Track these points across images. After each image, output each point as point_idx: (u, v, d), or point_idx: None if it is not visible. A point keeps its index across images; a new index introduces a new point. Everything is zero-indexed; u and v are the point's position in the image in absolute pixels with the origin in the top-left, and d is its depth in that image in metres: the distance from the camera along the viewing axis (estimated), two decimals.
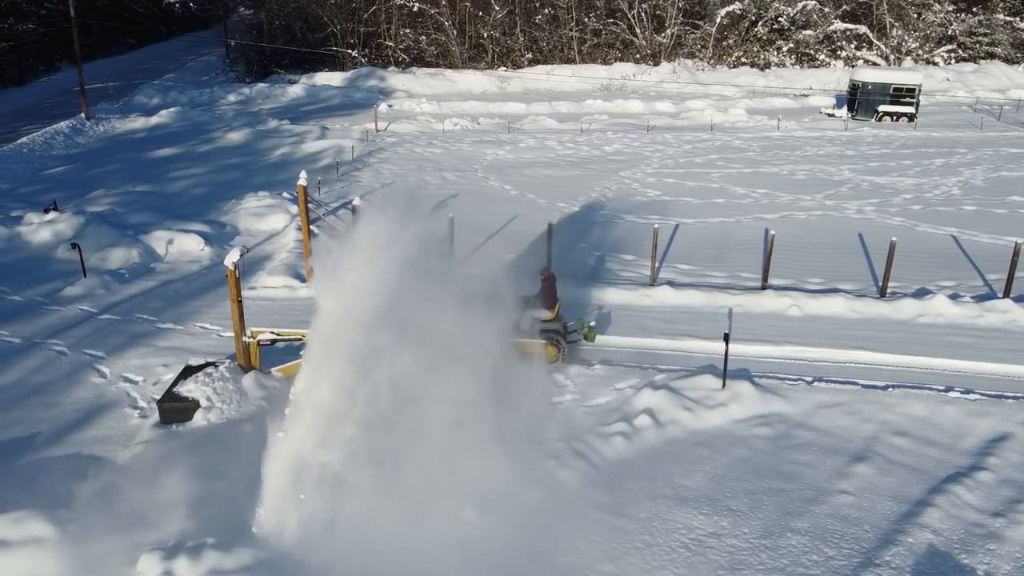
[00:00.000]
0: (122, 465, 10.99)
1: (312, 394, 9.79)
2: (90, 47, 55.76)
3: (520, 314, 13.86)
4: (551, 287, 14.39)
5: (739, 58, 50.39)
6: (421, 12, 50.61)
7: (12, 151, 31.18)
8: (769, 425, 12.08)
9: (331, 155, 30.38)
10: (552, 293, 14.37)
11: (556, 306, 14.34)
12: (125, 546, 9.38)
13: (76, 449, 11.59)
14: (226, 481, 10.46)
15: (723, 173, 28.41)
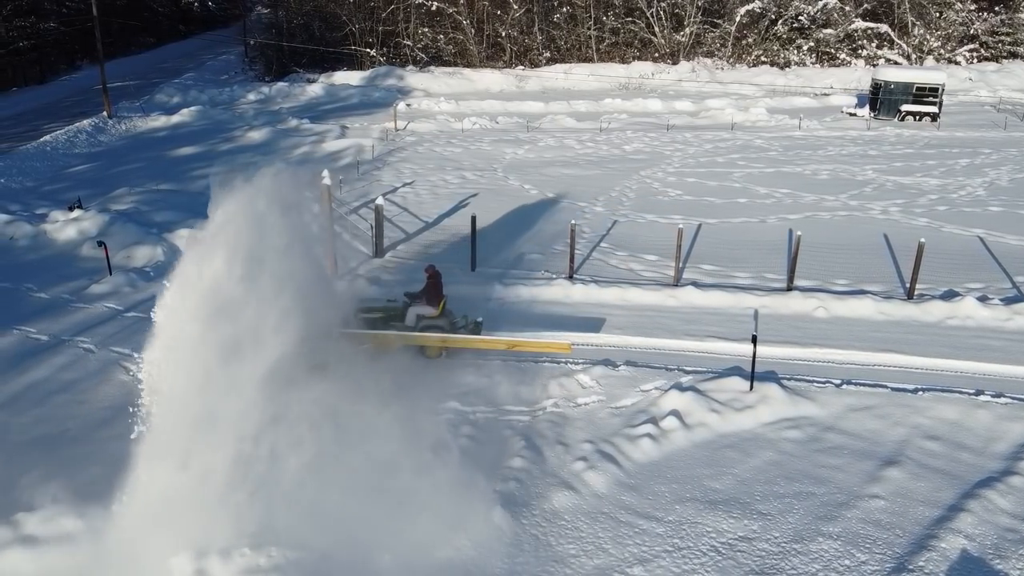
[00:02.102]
0: None
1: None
2: (111, 46, 56.16)
3: (404, 311, 14.11)
4: (436, 284, 14.33)
5: (758, 57, 50.10)
6: (439, 11, 50.68)
7: (36, 149, 31.46)
8: (798, 428, 11.99)
9: (351, 154, 30.46)
10: (437, 290, 14.32)
11: (441, 303, 14.32)
12: (156, 544, 9.44)
13: (105, 446, 11.60)
14: (257, 479, 10.46)
15: (745, 173, 28.24)
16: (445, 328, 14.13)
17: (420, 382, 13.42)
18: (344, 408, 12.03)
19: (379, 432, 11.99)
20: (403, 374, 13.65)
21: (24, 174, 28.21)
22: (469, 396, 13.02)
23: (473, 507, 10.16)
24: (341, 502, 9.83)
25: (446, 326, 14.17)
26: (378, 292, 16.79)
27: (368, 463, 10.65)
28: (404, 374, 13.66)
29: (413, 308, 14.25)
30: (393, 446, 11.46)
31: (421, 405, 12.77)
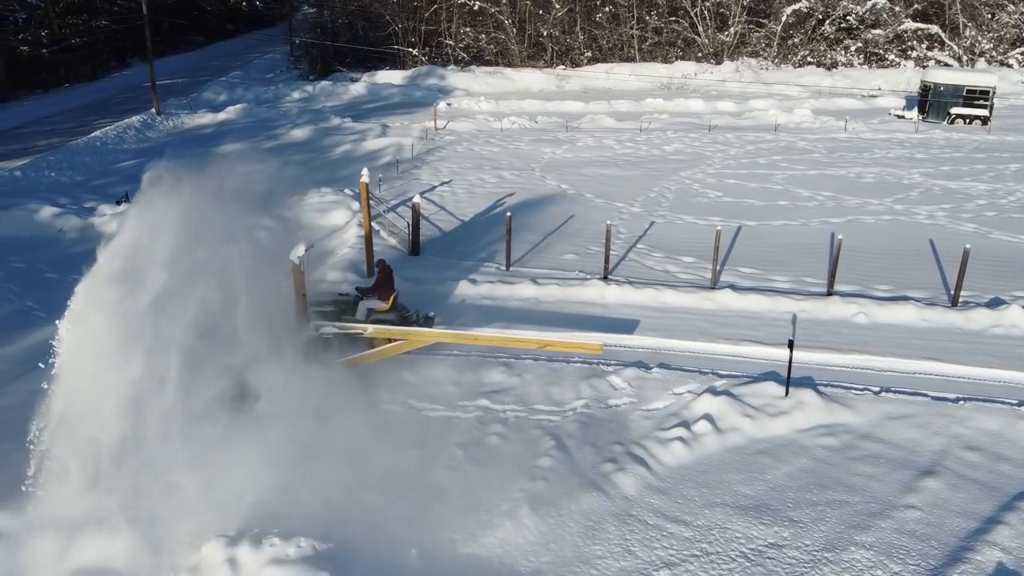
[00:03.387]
0: (189, 451, 11.24)
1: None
2: (160, 44, 57.52)
3: (355, 305, 14.17)
4: (387, 278, 14.33)
5: (805, 57, 49.29)
6: (481, 11, 50.83)
7: (86, 144, 32.34)
8: (834, 435, 11.79)
9: (391, 153, 30.72)
10: (387, 284, 14.30)
11: (391, 297, 14.28)
12: (191, 532, 9.66)
13: (142, 434, 11.86)
14: (290, 470, 10.66)
15: (787, 175, 27.82)
16: (395, 322, 14.10)
17: (451, 380, 13.53)
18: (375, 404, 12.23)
19: (409, 428, 12.14)
20: (433, 371, 13.83)
21: (74, 168, 29.01)
22: (499, 395, 13.07)
23: (500, 505, 10.20)
24: (369, 496, 9.95)
25: (396, 320, 14.15)
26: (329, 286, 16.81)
27: (397, 458, 10.79)
28: (434, 371, 13.83)
29: (364, 302, 14.30)
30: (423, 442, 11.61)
31: (452, 403, 12.92)
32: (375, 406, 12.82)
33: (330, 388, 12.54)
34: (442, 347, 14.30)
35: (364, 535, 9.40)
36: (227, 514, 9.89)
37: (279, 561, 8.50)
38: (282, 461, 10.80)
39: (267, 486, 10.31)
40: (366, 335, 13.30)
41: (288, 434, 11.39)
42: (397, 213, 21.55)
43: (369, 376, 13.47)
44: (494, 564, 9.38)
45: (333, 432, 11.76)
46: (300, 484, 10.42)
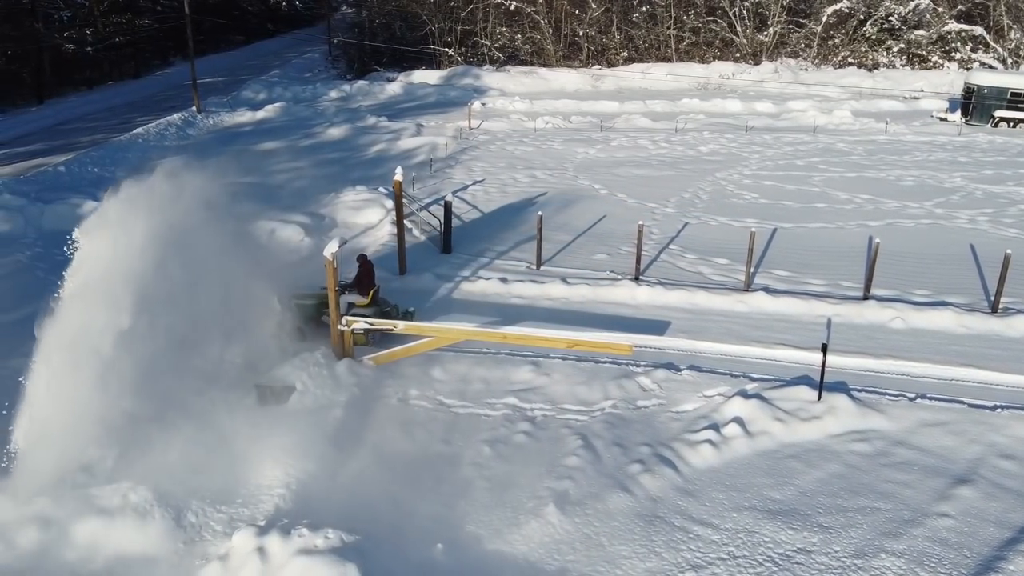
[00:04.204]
0: (222, 443, 11.45)
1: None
2: (202, 43, 58.54)
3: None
4: (368, 273, 14.63)
5: (845, 58, 48.54)
6: (517, 10, 50.89)
7: (128, 141, 33.05)
8: (866, 441, 11.59)
9: (425, 152, 30.90)
10: (368, 279, 14.60)
11: (371, 292, 14.58)
12: (221, 520, 9.86)
13: (179, 425, 12.09)
14: (318, 464, 10.82)
15: (825, 177, 27.43)
16: (375, 316, 14.34)
17: (479, 377, 13.59)
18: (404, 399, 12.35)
19: (437, 424, 12.23)
20: (461, 368, 13.90)
21: (116, 164, 29.63)
22: (527, 393, 13.09)
23: (526, 503, 10.23)
24: (396, 490, 10.05)
25: (375, 314, 14.42)
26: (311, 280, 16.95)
27: (425, 455, 10.87)
28: (463, 368, 13.90)
29: (345, 296, 14.55)
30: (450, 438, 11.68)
31: (480, 400, 12.98)
32: (404, 402, 12.94)
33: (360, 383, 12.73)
34: (471, 344, 14.38)
35: (391, 528, 9.50)
36: (257, 504, 10.10)
37: (307, 551, 8.61)
38: (311, 453, 10.98)
39: (297, 477, 10.48)
40: (397, 331, 13.41)
41: (318, 427, 11.58)
42: (430, 212, 21.68)
43: (398, 372, 13.60)
44: (519, 561, 9.40)
45: (362, 426, 11.93)
46: (329, 476, 10.58)
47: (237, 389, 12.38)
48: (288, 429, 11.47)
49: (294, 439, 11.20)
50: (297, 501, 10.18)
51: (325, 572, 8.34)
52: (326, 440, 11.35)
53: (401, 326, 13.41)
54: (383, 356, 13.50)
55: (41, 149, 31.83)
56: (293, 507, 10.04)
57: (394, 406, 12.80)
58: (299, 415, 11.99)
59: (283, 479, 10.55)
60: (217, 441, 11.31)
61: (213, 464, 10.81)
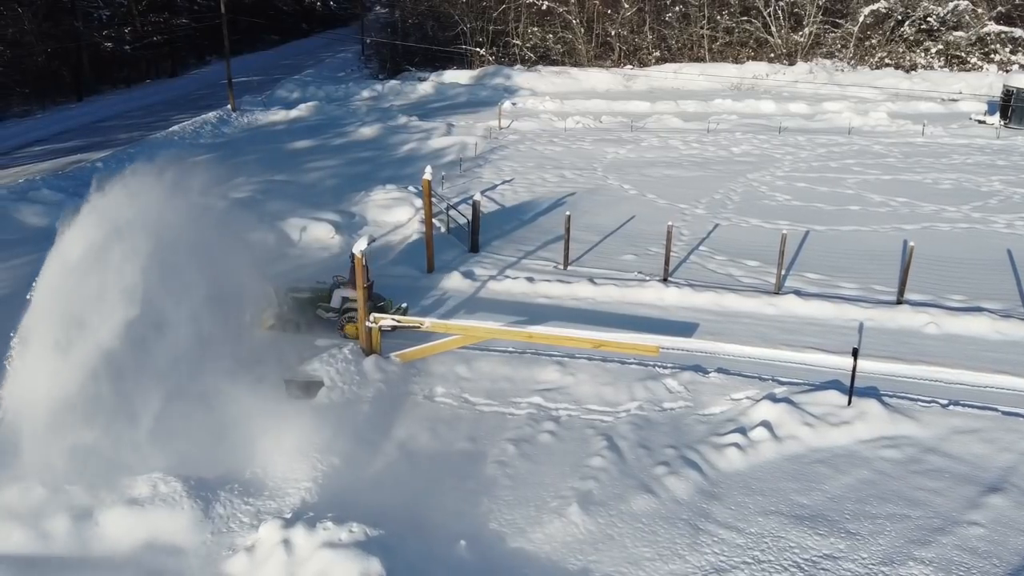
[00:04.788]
0: (251, 436, 11.61)
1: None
2: (238, 42, 59.35)
3: (331, 292, 14.96)
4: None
5: (882, 59, 47.78)
6: (549, 10, 50.84)
7: (164, 138, 33.62)
8: (897, 447, 11.42)
9: (455, 151, 31.01)
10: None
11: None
12: (249, 512, 9.99)
13: (210, 418, 12.27)
14: (344, 458, 10.92)
15: (859, 179, 27.03)
16: (367, 310, 14.36)
17: (504, 376, 13.61)
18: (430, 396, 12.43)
19: (462, 421, 12.28)
20: (487, 367, 13.93)
21: (152, 161, 30.14)
22: (552, 393, 13.08)
23: (549, 502, 10.23)
24: (420, 486, 10.11)
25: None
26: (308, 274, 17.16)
27: (450, 452, 10.91)
28: (488, 367, 13.94)
29: (339, 291, 14.94)
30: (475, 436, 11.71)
31: (505, 399, 13.01)
32: (430, 399, 13.01)
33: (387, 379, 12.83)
34: (496, 343, 14.41)
35: (414, 524, 9.56)
36: (284, 497, 10.22)
37: (331, 544, 8.69)
38: (338, 448, 11.09)
39: (323, 471, 10.60)
40: (423, 329, 13.49)
41: (345, 422, 11.70)
42: (458, 211, 21.75)
43: (424, 369, 13.68)
44: (541, 559, 9.41)
45: (388, 422, 12.02)
46: (354, 471, 10.68)
47: (263, 382, 12.58)
48: (315, 423, 11.60)
49: (321, 433, 11.33)
50: (323, 494, 10.29)
51: (349, 565, 8.42)
52: (352, 435, 11.46)
53: (427, 323, 13.48)
54: (410, 353, 13.58)
55: (79, 146, 32.51)
56: (319, 500, 10.16)
57: (420, 403, 12.88)
58: (326, 410, 12.12)
59: (309, 472, 10.67)
60: (246, 433, 11.49)
61: (242, 456, 10.99)
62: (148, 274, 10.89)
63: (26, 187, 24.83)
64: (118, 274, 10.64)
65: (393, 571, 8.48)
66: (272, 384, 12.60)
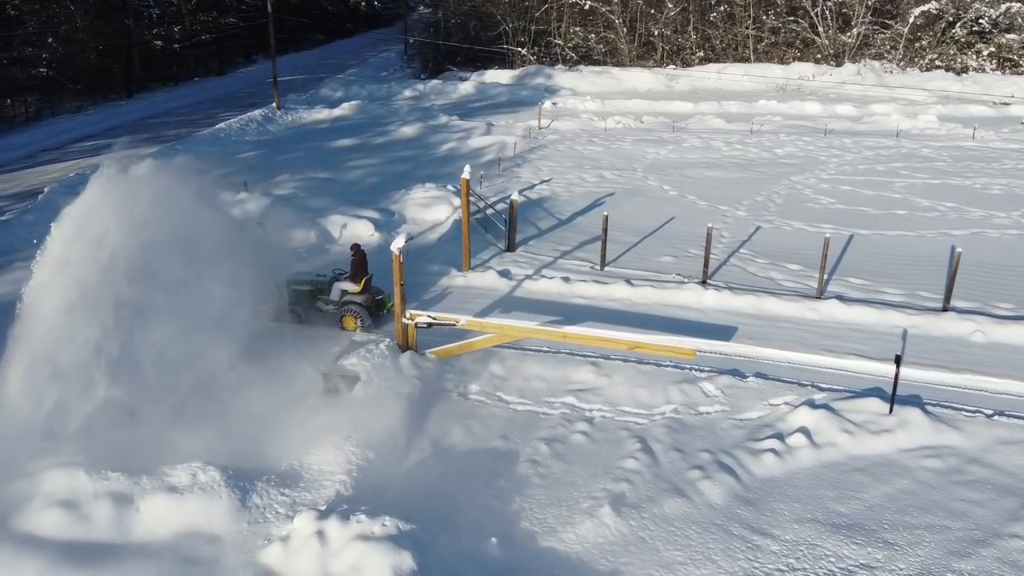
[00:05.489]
0: (289, 428, 11.81)
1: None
2: (283, 41, 60.22)
3: (330, 285, 15.41)
4: (360, 262, 15.30)
5: (932, 61, 46.61)
6: (592, 10, 50.65)
7: (211, 135, 34.28)
8: (939, 457, 11.15)
9: (494, 151, 31.07)
10: (361, 268, 15.26)
11: (363, 280, 15.21)
12: (284, 503, 10.14)
13: (250, 409, 12.45)
14: (380, 452, 11.03)
15: (907, 183, 26.44)
16: (366, 303, 15.21)
17: (538, 376, 13.60)
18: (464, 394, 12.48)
19: (495, 420, 12.31)
20: (521, 366, 13.94)
21: (199, 158, 30.72)
22: (586, 393, 13.05)
23: (581, 503, 10.20)
24: (453, 483, 10.16)
25: (366, 301, 15.20)
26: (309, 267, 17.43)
27: (483, 450, 10.95)
28: (522, 366, 13.94)
29: (338, 284, 15.33)
30: (508, 434, 11.72)
31: (539, 398, 13.01)
32: (464, 396, 13.07)
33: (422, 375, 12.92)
34: (531, 342, 14.42)
35: (446, 519, 9.61)
36: (319, 489, 10.35)
37: (364, 537, 8.78)
38: (373, 442, 11.20)
39: (358, 464, 10.71)
40: (458, 327, 13.55)
41: (380, 417, 11.81)
42: (495, 210, 21.80)
43: (458, 366, 13.74)
44: (572, 560, 9.39)
45: (422, 418, 12.11)
46: (388, 465, 10.77)
47: (298, 377, 12.82)
48: (351, 417, 11.74)
49: (357, 427, 11.46)
50: (357, 488, 10.40)
51: (381, 558, 8.50)
52: (387, 430, 11.57)
53: (463, 321, 13.54)
54: (445, 350, 13.66)
55: (129, 141, 33.19)
56: (353, 493, 10.27)
57: (454, 400, 12.95)
58: (362, 404, 12.25)
59: (344, 465, 10.80)
60: (284, 426, 11.67)
61: (279, 448, 11.17)
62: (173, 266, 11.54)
63: (76, 181, 25.50)
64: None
65: (424, 566, 8.54)
66: (310, 377, 12.79)
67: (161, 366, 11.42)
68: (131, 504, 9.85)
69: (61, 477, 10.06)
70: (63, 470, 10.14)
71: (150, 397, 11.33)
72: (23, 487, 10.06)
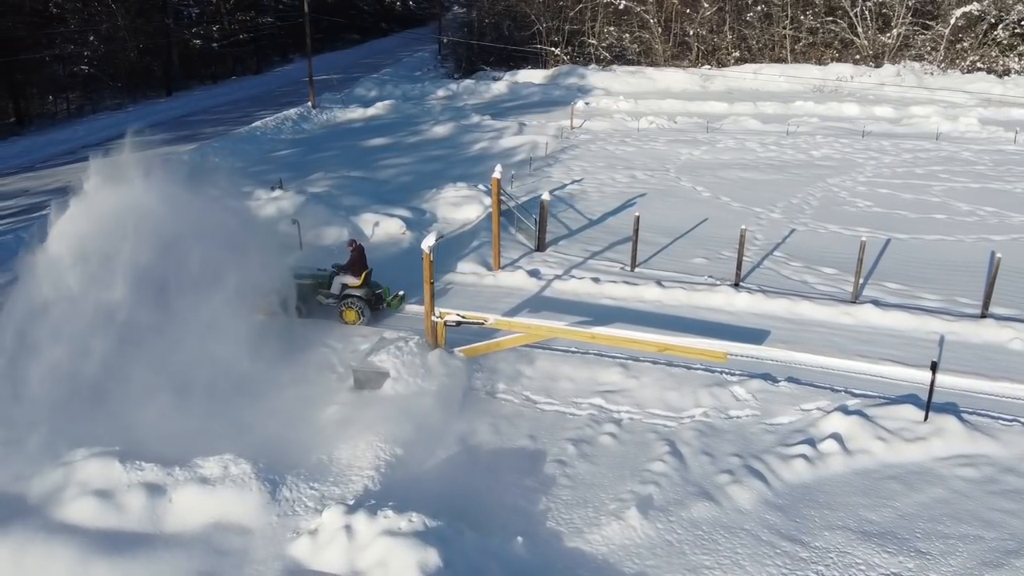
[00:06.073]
0: (319, 423, 11.94)
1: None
2: (320, 41, 60.90)
3: (331, 279, 15.80)
4: (359, 256, 15.71)
5: (974, 63, 45.64)
6: (626, 10, 50.42)
7: (247, 133, 34.75)
8: (974, 466, 10.92)
9: (526, 151, 31.06)
10: (359, 262, 15.66)
11: (363, 274, 15.63)
12: (313, 497, 10.25)
13: (281, 403, 12.67)
14: (408, 448, 11.10)
15: (946, 187, 25.94)
16: (365, 297, 15.66)
17: (566, 376, 13.58)
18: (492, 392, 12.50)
19: (523, 419, 12.30)
20: (549, 365, 13.93)
21: (235, 155, 31.21)
22: (614, 395, 12.99)
23: (608, 504, 10.16)
24: (480, 481, 10.18)
25: (366, 295, 15.64)
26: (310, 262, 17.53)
27: (510, 449, 10.95)
28: (550, 366, 13.93)
29: (338, 278, 15.73)
30: (535, 434, 11.71)
31: (566, 399, 12.98)
32: (492, 395, 13.09)
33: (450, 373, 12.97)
34: (559, 342, 14.40)
35: (472, 517, 9.63)
36: (347, 483, 10.44)
37: (391, 533, 8.84)
38: (401, 438, 11.28)
39: (386, 460, 10.79)
40: (487, 326, 13.57)
41: (408, 414, 11.88)
42: (526, 209, 21.80)
43: (486, 365, 13.76)
44: (598, 561, 9.36)
45: (450, 415, 12.15)
46: (416, 462, 10.83)
47: (328, 372, 12.95)
48: (380, 414, 11.83)
49: (385, 423, 11.54)
50: (385, 483, 10.47)
51: (407, 554, 8.55)
52: (415, 426, 11.63)
53: (491, 320, 13.57)
54: (473, 349, 13.70)
55: (168, 139, 33.89)
56: (380, 489, 10.34)
57: (482, 398, 12.98)
58: (391, 401, 12.33)
59: (373, 461, 10.87)
60: (314, 420, 11.81)
61: (309, 441, 11.30)
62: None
63: None
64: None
65: (450, 563, 8.57)
66: (340, 373, 12.92)
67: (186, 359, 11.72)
68: (164, 495, 10.00)
69: (96, 466, 10.25)
70: (98, 459, 10.33)
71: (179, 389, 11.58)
72: (58, 476, 10.27)
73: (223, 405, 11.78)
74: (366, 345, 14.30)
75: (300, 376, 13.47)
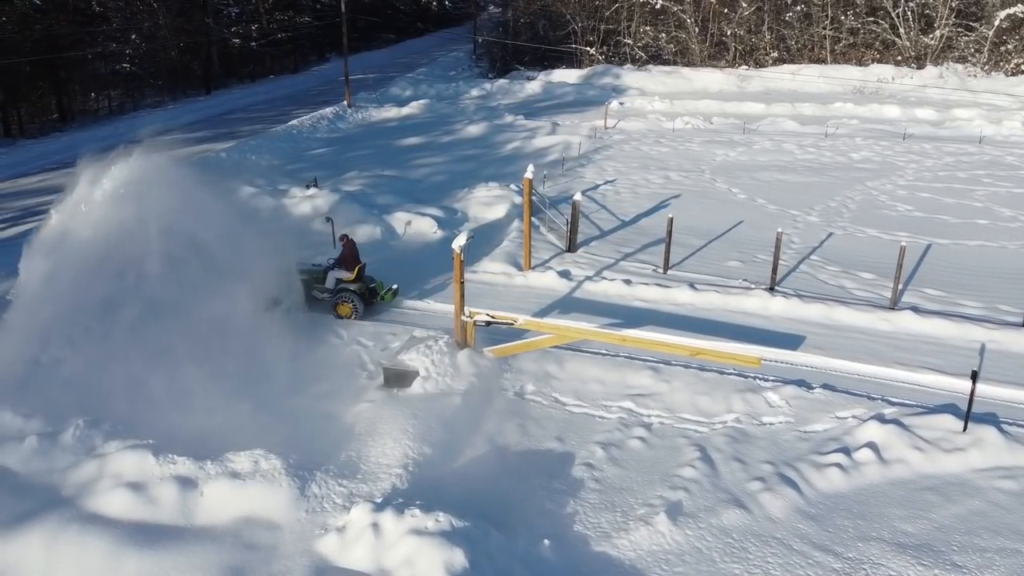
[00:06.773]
0: (348, 420, 12.00)
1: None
2: (356, 40, 61.33)
3: (326, 274, 16.02)
4: (352, 251, 15.97)
5: (1018, 65, 44.52)
6: (663, 9, 50.05)
7: (284, 132, 35.12)
8: (1014, 479, 10.61)
9: (559, 151, 30.97)
10: (352, 257, 15.91)
11: (356, 268, 15.86)
12: (342, 494, 10.28)
13: (311, 401, 12.75)
14: (436, 448, 11.09)
15: (989, 192, 25.32)
16: (360, 291, 15.86)
17: (595, 378, 13.48)
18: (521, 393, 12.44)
19: (551, 421, 12.23)
20: (579, 367, 13.84)
21: (272, 153, 31.57)
22: (645, 398, 12.86)
23: (636, 509, 10.06)
24: (507, 482, 10.14)
25: (360, 289, 15.86)
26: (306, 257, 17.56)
27: (538, 450, 10.89)
28: (580, 368, 13.84)
29: (333, 272, 15.98)
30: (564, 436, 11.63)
31: (596, 401, 12.89)
32: (521, 396, 13.04)
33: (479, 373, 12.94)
34: (589, 344, 14.29)
35: (499, 518, 9.60)
36: (376, 481, 10.46)
37: (418, 532, 8.83)
38: (429, 437, 11.28)
39: (414, 459, 10.80)
40: (516, 326, 13.52)
41: (437, 413, 11.88)
42: (558, 210, 21.71)
43: (516, 366, 13.71)
44: (625, 566, 9.27)
45: (478, 415, 12.13)
46: (444, 461, 10.82)
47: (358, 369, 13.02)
48: (409, 412, 11.84)
49: (414, 422, 11.55)
50: (412, 482, 10.47)
51: (434, 553, 8.54)
52: (444, 426, 11.63)
53: (521, 321, 13.51)
54: (503, 349, 13.66)
55: (207, 136, 34.39)
56: (408, 487, 10.34)
57: (510, 399, 12.94)
58: (420, 400, 12.35)
59: (401, 459, 10.88)
60: (344, 417, 11.86)
61: (338, 438, 11.35)
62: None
63: None
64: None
65: (476, 563, 8.54)
66: (371, 371, 12.97)
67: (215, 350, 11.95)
68: (195, 488, 10.11)
69: (130, 459, 10.40)
70: (132, 452, 10.48)
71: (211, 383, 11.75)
72: (92, 467, 10.43)
73: (253, 401, 11.88)
74: (397, 343, 14.34)
75: (331, 373, 13.55)
